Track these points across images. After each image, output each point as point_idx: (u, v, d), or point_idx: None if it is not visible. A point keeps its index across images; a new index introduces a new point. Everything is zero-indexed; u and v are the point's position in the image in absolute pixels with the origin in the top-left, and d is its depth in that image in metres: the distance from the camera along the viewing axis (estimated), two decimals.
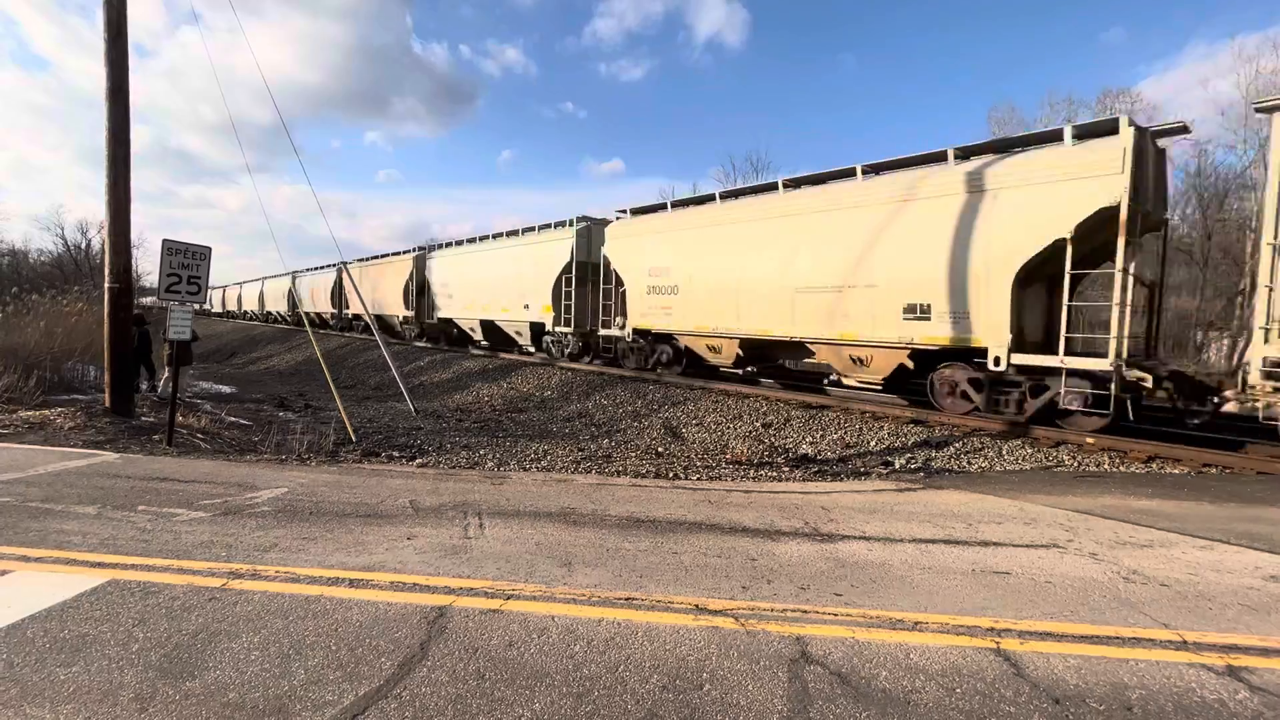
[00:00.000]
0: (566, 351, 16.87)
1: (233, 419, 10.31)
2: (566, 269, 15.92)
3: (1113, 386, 7.54)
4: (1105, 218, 7.52)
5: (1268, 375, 6.64)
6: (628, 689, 2.44)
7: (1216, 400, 7.62)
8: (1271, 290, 6.70)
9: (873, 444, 8.56)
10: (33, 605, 3.05)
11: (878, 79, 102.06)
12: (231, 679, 2.45)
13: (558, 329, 16.51)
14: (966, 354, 8.89)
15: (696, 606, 3.21)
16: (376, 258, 28.03)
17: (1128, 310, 7.64)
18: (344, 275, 27.92)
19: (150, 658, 2.60)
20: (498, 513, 4.87)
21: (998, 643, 2.86)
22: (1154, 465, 7.02)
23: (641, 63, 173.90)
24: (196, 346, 14.75)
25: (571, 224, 16.28)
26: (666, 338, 13.81)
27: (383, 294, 25.79)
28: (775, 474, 7.07)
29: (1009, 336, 8.21)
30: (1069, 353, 8.00)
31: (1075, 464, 7.25)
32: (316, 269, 34.01)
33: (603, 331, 15.37)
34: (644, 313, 13.85)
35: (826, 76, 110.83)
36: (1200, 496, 5.69)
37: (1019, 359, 8.24)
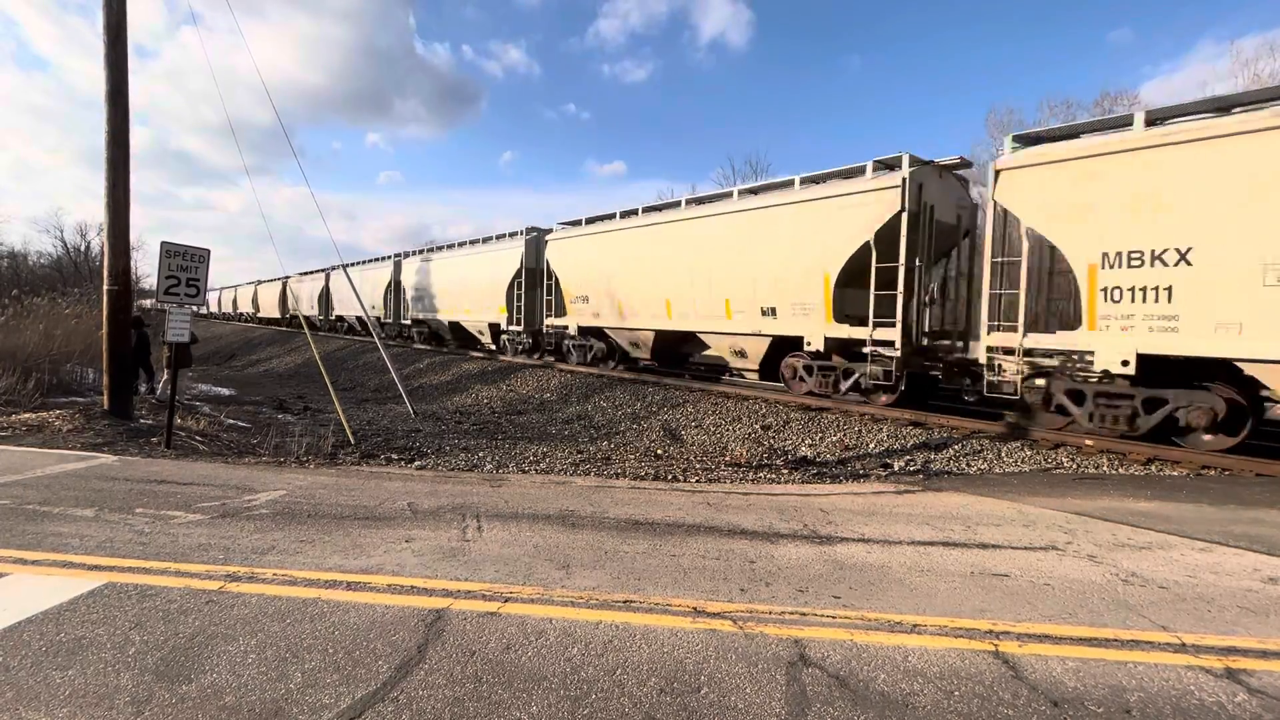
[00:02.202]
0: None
1: (231, 421, 10.30)
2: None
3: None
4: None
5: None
6: (625, 692, 2.44)
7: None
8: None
9: (871, 446, 8.56)
10: (29, 608, 3.04)
11: (883, 81, 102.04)
12: (228, 682, 2.44)
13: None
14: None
15: (695, 609, 3.20)
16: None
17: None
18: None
19: (147, 661, 2.60)
20: (496, 515, 4.87)
21: (996, 645, 2.86)
22: (1153, 467, 7.02)
23: (645, 64, 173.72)
24: (195, 349, 14.77)
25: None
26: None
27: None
28: (774, 476, 7.07)
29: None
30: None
31: (1074, 466, 7.25)
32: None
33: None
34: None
35: (831, 78, 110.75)
36: (1199, 498, 5.69)
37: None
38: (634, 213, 14.28)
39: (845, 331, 9.93)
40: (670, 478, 6.82)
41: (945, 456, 7.84)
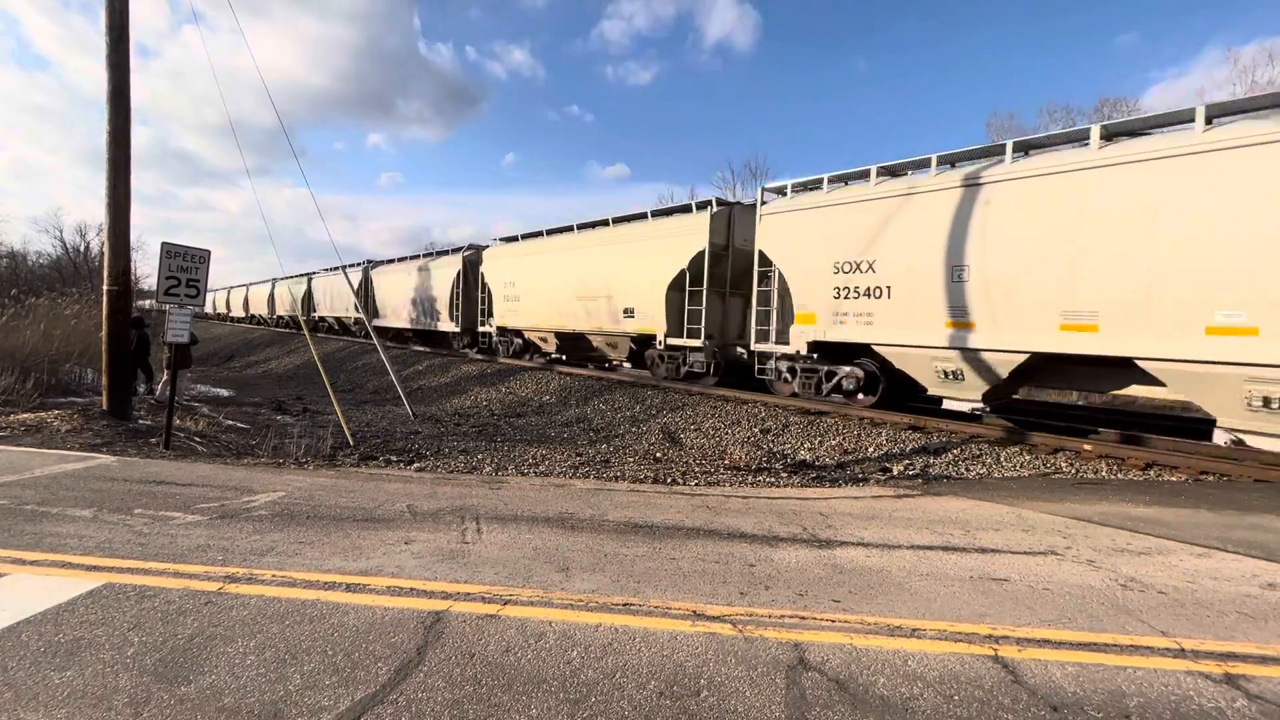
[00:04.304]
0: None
1: (230, 422, 10.30)
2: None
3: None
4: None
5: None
6: (625, 695, 2.43)
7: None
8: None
9: (871, 450, 8.56)
10: (28, 609, 3.04)
11: (889, 84, 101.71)
12: (227, 683, 2.44)
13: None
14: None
15: (694, 612, 3.20)
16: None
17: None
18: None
19: (145, 662, 2.59)
20: (495, 517, 4.87)
21: (996, 650, 2.86)
22: (1151, 472, 7.03)
23: (649, 66, 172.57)
24: (194, 349, 14.75)
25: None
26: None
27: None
28: (773, 480, 7.07)
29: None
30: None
31: (1073, 471, 7.25)
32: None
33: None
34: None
35: (837, 80, 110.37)
36: (1198, 504, 5.70)
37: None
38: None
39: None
40: (669, 481, 6.82)
41: (944, 461, 7.84)
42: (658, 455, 8.87)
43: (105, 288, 8.50)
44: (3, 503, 4.75)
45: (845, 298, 9.76)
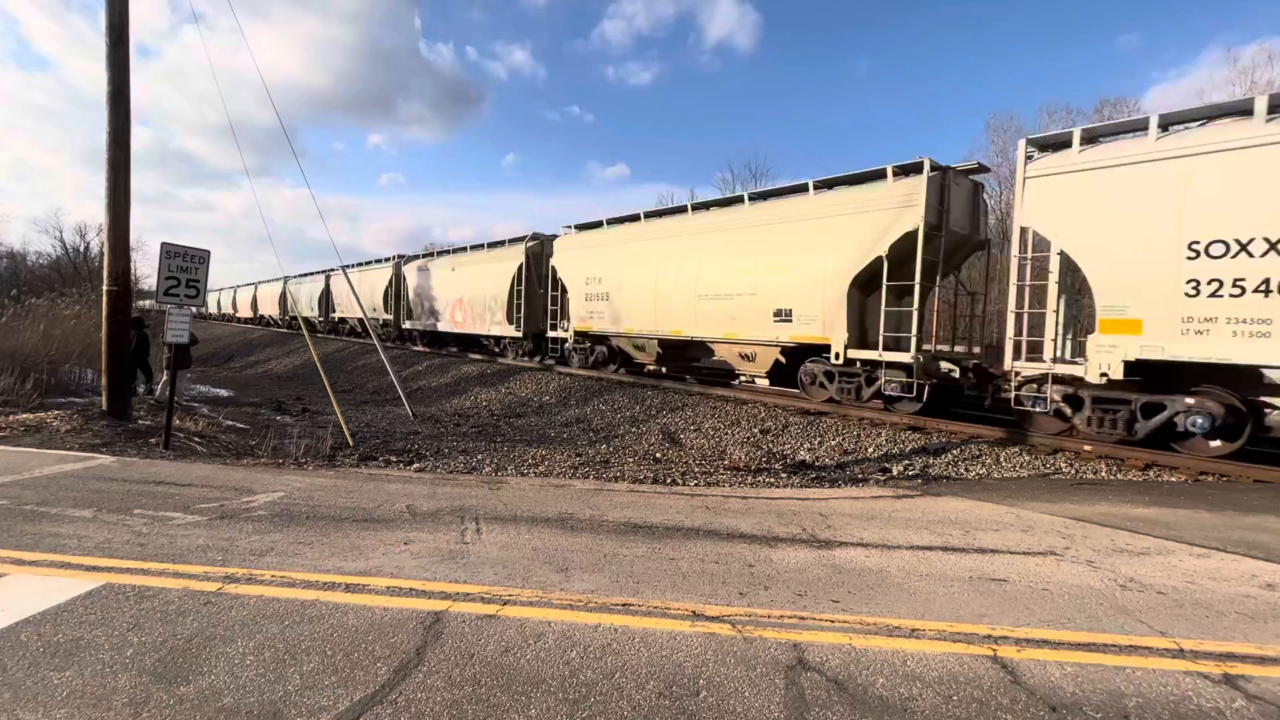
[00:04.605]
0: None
1: (230, 422, 10.29)
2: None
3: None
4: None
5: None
6: (624, 695, 2.43)
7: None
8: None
9: (870, 450, 8.56)
10: (27, 609, 3.04)
11: (891, 84, 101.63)
12: (226, 684, 2.44)
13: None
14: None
15: (693, 613, 3.20)
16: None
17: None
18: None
19: (145, 662, 2.59)
20: (495, 518, 4.87)
21: (995, 650, 2.86)
22: (1151, 473, 7.03)
23: (650, 66, 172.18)
24: (194, 350, 14.76)
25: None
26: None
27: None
28: (773, 480, 7.07)
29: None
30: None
31: (1073, 471, 7.25)
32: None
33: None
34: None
35: (839, 81, 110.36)
36: (1197, 504, 5.70)
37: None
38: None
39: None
40: (669, 481, 6.82)
41: (944, 461, 7.84)
42: (657, 456, 8.87)
43: (105, 288, 8.50)
44: (2, 503, 4.75)
45: (1210, 295, 6.71)
